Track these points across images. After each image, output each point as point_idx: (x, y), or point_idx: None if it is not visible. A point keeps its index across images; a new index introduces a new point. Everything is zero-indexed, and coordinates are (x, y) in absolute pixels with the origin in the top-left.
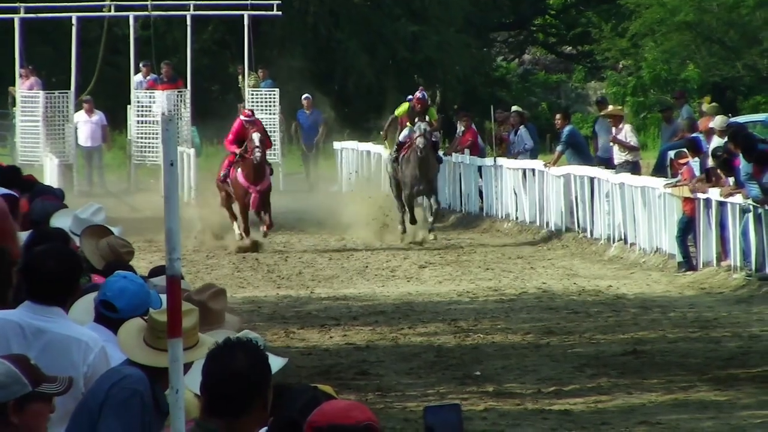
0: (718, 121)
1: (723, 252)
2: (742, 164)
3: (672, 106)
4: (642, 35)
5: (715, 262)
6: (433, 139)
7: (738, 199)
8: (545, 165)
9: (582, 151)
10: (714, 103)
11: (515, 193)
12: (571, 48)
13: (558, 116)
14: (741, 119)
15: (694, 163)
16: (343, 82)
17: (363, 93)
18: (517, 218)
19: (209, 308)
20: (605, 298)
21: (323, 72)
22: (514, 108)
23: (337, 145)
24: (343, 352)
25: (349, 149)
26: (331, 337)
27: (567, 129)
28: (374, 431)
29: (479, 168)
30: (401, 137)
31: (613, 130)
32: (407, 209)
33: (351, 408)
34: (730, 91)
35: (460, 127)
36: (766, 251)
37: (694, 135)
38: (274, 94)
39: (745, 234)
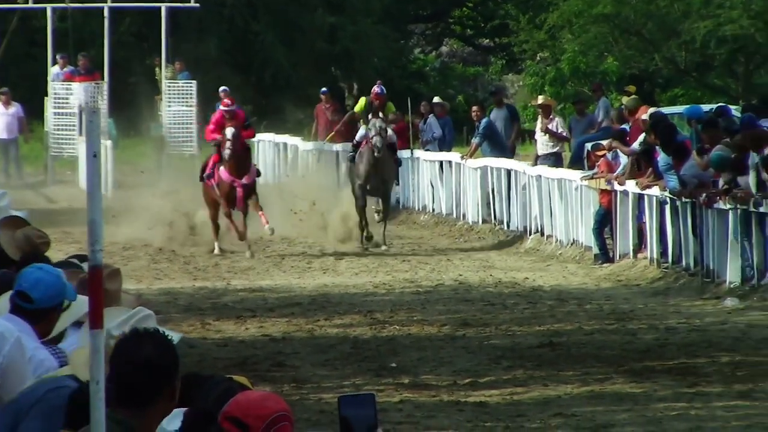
0: (651, 113)
1: (640, 244)
2: (661, 155)
3: (583, 98)
4: (560, 27)
5: (632, 254)
6: (390, 141)
7: (655, 191)
8: (462, 157)
9: (499, 143)
10: (635, 96)
11: (432, 186)
12: (488, 40)
13: (475, 108)
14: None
15: (621, 157)
16: (261, 74)
17: (280, 85)
18: (433, 210)
19: (105, 289)
20: (521, 290)
21: (240, 64)
22: (435, 100)
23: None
24: (259, 343)
25: (266, 141)
26: (247, 329)
27: (484, 121)
28: (288, 421)
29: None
30: (358, 136)
31: (538, 123)
32: (357, 208)
33: (265, 398)
34: (648, 83)
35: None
36: (683, 243)
37: (622, 126)
38: (191, 86)
39: (662, 226)
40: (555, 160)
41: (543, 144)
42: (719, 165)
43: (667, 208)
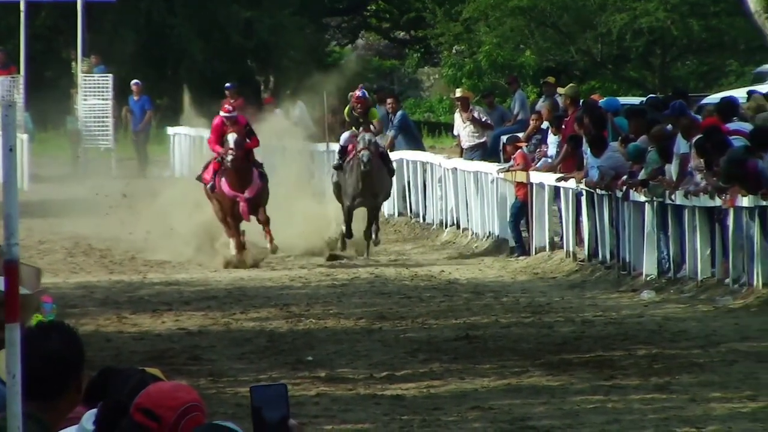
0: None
1: (557, 237)
2: (585, 146)
3: (492, 91)
4: (476, 20)
5: (548, 247)
6: (381, 149)
7: (571, 183)
8: None
9: (413, 135)
10: (573, 84)
11: None
12: (404, 33)
13: (390, 101)
14: None
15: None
16: (177, 68)
17: (196, 78)
18: None
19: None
20: (438, 283)
21: (156, 57)
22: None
23: (170, 130)
24: (175, 337)
25: (182, 135)
26: (163, 322)
27: (399, 114)
28: (200, 411)
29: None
30: (342, 141)
31: (458, 115)
32: (344, 221)
33: (176, 389)
34: (565, 75)
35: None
36: (599, 236)
37: (558, 114)
38: (107, 80)
39: (578, 219)
40: (483, 151)
41: (468, 136)
42: (636, 156)
43: (584, 200)
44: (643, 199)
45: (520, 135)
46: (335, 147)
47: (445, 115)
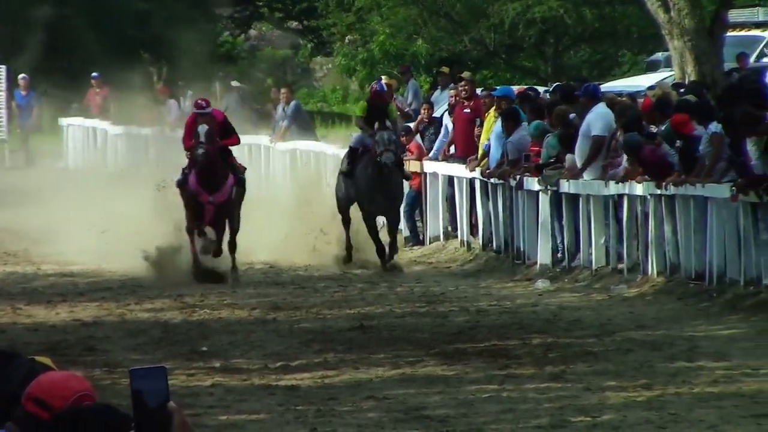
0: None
1: (452, 226)
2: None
3: (409, 67)
4: (368, 10)
5: (442, 236)
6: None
7: (465, 172)
8: (271, 140)
9: (306, 125)
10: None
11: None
12: (297, 23)
13: (283, 91)
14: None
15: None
16: (70, 59)
17: (90, 70)
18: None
19: None
20: (332, 273)
21: (50, 49)
22: (233, 83)
23: (63, 121)
24: (69, 328)
25: (75, 125)
26: (57, 314)
27: (293, 104)
28: (91, 401)
29: None
30: (353, 142)
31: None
32: (370, 235)
33: (68, 378)
34: (458, 65)
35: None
36: (493, 225)
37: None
38: (0, 72)
39: (472, 208)
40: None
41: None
42: (538, 134)
43: (478, 189)
44: (537, 187)
45: (411, 125)
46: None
47: (338, 104)
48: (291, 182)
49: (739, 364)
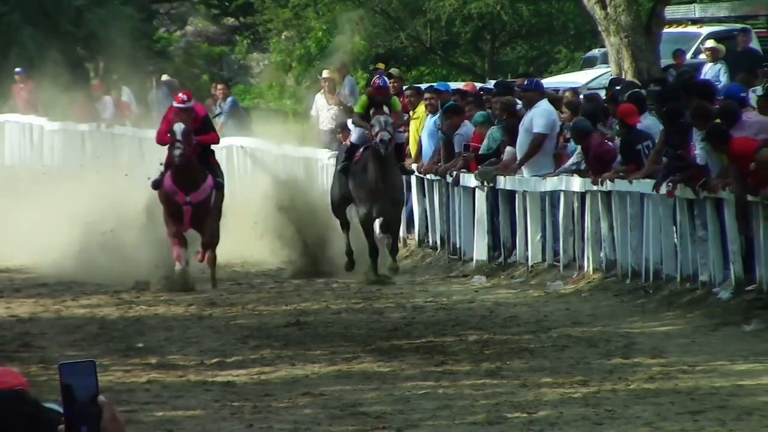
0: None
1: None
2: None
3: (345, 64)
4: (304, 6)
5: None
6: (398, 141)
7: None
8: None
9: (243, 121)
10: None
11: None
12: (233, 20)
13: (220, 87)
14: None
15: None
16: (6, 54)
17: (25, 66)
18: None
19: None
20: (268, 269)
21: None
22: (163, 77)
23: (0, 117)
24: (5, 324)
25: (12, 122)
26: None
27: (229, 100)
28: (25, 396)
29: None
30: (354, 138)
31: (320, 96)
32: (365, 238)
33: (3, 373)
34: (394, 61)
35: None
36: (429, 221)
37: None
38: None
39: (407, 203)
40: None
41: (330, 119)
42: (483, 120)
43: (414, 185)
44: (473, 184)
45: (349, 122)
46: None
47: (275, 101)
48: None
49: (676, 360)
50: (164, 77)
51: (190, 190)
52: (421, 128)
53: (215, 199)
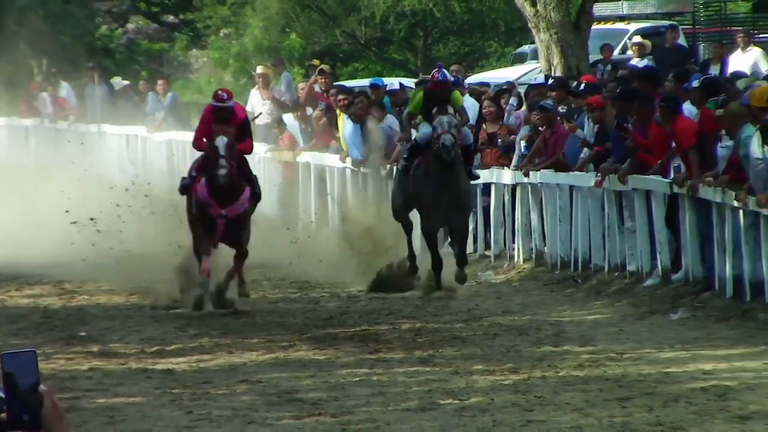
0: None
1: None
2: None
3: (281, 60)
4: (242, 3)
5: (314, 224)
6: (466, 142)
7: (338, 162)
8: (148, 131)
9: (182, 116)
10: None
11: (120, 159)
12: (173, 17)
13: (161, 83)
14: (347, 84)
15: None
16: None
17: None
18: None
19: None
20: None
21: None
22: (115, 79)
23: None
24: None
25: None
26: None
27: (169, 95)
28: None
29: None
30: (418, 137)
31: (255, 91)
32: (428, 247)
33: None
34: (330, 58)
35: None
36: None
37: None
38: None
39: (341, 197)
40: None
41: (267, 114)
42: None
43: (349, 179)
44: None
45: (284, 117)
46: (106, 128)
47: (207, 97)
48: (168, 171)
49: (604, 348)
50: (116, 80)
51: (227, 203)
52: (344, 125)
53: (249, 209)
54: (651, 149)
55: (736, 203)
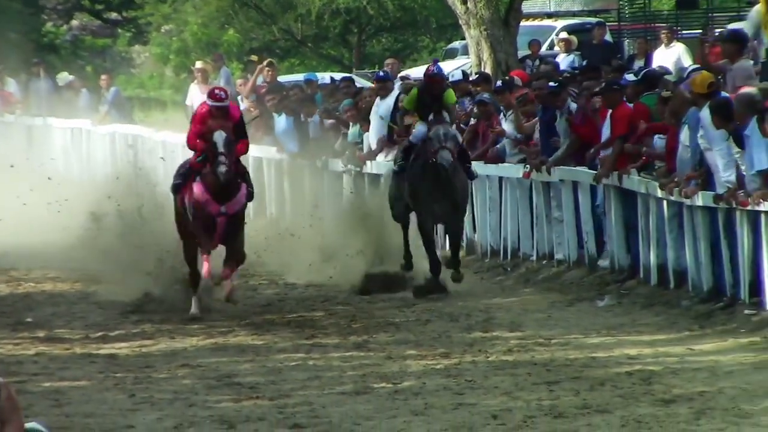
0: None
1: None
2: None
3: (222, 55)
4: (183, 1)
5: (252, 214)
6: (460, 146)
7: (275, 154)
8: (92, 124)
9: (124, 110)
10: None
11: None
12: (116, 14)
13: (104, 77)
14: (283, 79)
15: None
16: None
17: None
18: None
19: None
20: (152, 251)
21: None
22: (61, 74)
23: None
24: None
25: None
26: None
27: (113, 90)
28: None
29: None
30: (412, 137)
31: (194, 88)
32: (426, 249)
33: None
34: (267, 53)
35: None
36: (299, 204)
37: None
38: None
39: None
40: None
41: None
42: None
43: (285, 169)
44: (341, 168)
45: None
46: (52, 121)
47: (155, 90)
48: (111, 163)
49: (532, 334)
50: (64, 74)
51: (225, 199)
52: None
53: (244, 208)
54: (590, 138)
55: (660, 193)
